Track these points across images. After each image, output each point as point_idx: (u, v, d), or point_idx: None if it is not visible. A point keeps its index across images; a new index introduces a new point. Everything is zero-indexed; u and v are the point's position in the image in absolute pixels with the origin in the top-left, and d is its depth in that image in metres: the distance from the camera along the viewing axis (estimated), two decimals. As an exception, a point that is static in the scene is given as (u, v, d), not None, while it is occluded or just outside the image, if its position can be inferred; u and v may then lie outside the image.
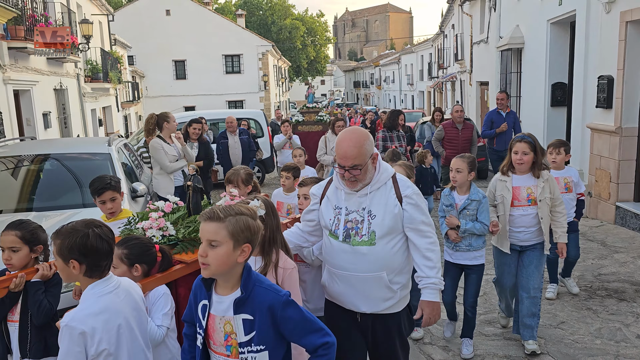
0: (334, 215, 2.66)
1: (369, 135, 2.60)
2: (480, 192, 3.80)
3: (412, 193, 2.59)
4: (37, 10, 10.43)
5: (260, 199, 2.54)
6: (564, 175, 4.63)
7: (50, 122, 11.88)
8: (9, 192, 5.44)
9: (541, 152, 3.70)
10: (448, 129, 8.19)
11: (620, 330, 4.11)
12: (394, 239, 2.58)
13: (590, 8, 7.98)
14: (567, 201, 4.52)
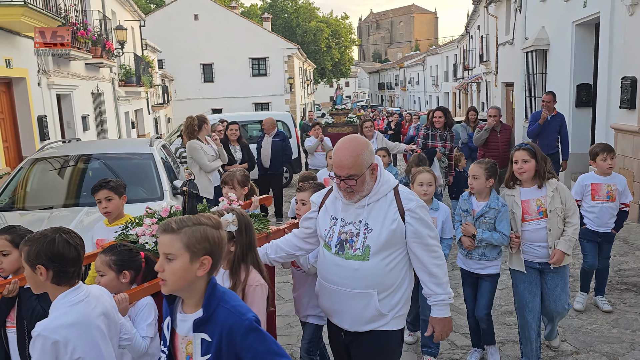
0: (330, 226, 2.55)
1: (368, 145, 2.48)
2: (501, 201, 3.62)
3: (415, 207, 2.44)
4: (78, 18, 10.99)
5: (236, 213, 2.41)
6: (608, 182, 4.37)
7: (88, 124, 12.45)
8: (60, 189, 5.89)
9: (543, 160, 3.45)
10: None
11: (637, 321, 4.30)
12: (389, 256, 2.44)
13: (614, 10, 8.09)
14: (606, 210, 4.37)
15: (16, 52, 8.38)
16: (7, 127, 8.33)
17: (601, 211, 4.40)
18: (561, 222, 3.45)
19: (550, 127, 7.62)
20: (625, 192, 4.41)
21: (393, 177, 2.56)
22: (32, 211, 5.32)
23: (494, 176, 3.68)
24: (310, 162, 9.08)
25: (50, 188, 5.90)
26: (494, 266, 3.66)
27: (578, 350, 3.90)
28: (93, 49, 11.84)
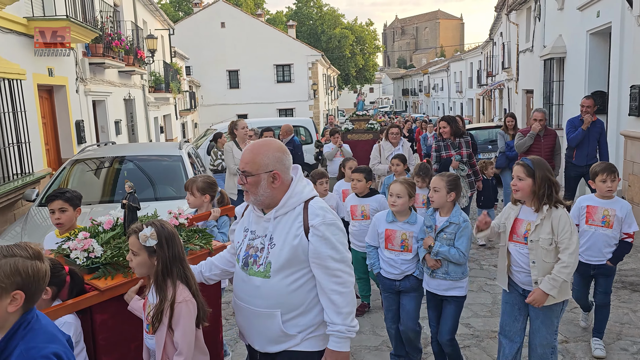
0: (242, 239, 2.43)
1: (277, 151, 2.32)
2: (463, 216, 3.48)
3: (320, 223, 2.23)
4: (112, 29, 11.68)
5: (155, 226, 2.33)
6: (605, 206, 3.90)
7: (120, 129, 13.13)
8: (97, 187, 6.45)
9: (544, 181, 3.09)
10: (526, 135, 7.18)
11: (627, 315, 4.60)
12: (293, 274, 2.26)
13: (624, 20, 8.33)
14: (599, 237, 3.88)
15: (58, 62, 9.05)
16: (48, 130, 8.98)
17: (593, 238, 3.92)
18: (551, 256, 3.09)
19: (590, 135, 7.00)
20: (629, 220, 3.85)
21: (309, 190, 2.36)
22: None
23: (456, 190, 3.53)
24: (329, 169, 9.06)
25: (88, 186, 6.46)
26: (459, 287, 3.49)
27: (568, 340, 4.23)
28: (126, 58, 12.51)
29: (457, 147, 6.36)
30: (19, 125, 6.92)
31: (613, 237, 3.89)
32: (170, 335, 2.30)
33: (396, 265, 3.67)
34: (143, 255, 2.35)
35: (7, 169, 6.62)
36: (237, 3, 47.65)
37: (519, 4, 17.51)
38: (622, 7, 8.18)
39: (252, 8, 49.98)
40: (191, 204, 3.94)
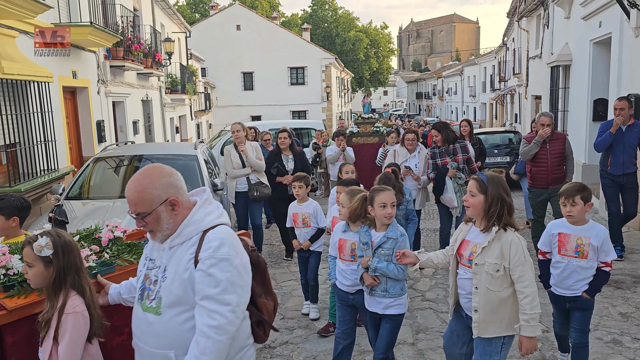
0: (142, 267, 2.23)
1: (164, 175, 2.09)
2: (400, 230, 3.38)
3: (208, 256, 1.97)
4: (132, 33, 12.21)
5: (50, 236, 2.23)
6: (579, 233, 3.51)
7: (138, 128, 13.65)
8: (117, 183, 6.92)
9: (495, 199, 2.85)
10: None
11: (607, 309, 4.92)
12: (187, 312, 2.03)
13: (623, 31, 8.61)
14: (573, 269, 3.53)
15: (81, 65, 9.57)
16: (71, 130, 9.51)
17: (567, 270, 3.56)
18: (497, 284, 2.84)
19: (626, 140, 6.27)
20: (606, 248, 3.49)
21: (212, 218, 2.11)
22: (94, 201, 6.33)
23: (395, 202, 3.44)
24: (332, 173, 8.84)
25: (109, 182, 6.94)
26: (397, 305, 3.37)
27: (548, 329, 4.56)
28: (144, 60, 13.02)
29: (452, 154, 6.22)
30: (46, 125, 7.42)
31: (589, 267, 3.51)
32: (56, 347, 2.15)
33: (347, 275, 3.64)
34: (39, 266, 2.26)
35: (35, 165, 7.11)
36: (253, 5, 48.30)
37: (529, 12, 17.78)
38: (621, 18, 8.46)
39: (268, 11, 50.59)
40: None
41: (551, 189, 6.34)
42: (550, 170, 6.34)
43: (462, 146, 6.34)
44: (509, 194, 2.92)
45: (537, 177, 6.46)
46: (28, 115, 7.10)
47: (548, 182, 6.38)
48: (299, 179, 5.06)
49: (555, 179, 6.38)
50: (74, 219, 5.72)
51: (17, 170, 6.78)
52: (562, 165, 6.45)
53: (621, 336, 4.44)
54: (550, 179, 6.39)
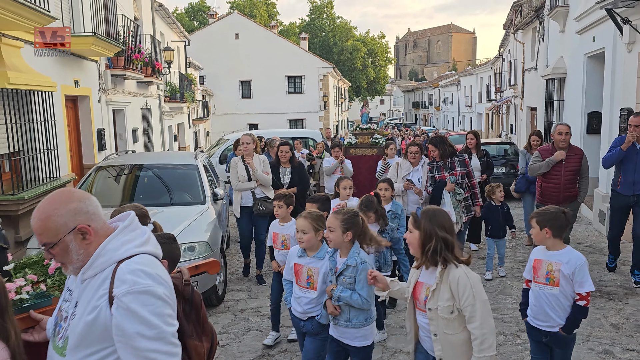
0: (62, 299, 1.99)
1: (73, 200, 1.85)
2: (360, 256, 3.15)
3: (125, 292, 1.73)
4: (133, 42, 12.34)
5: None
6: (550, 259, 3.28)
7: (137, 137, 13.76)
8: (119, 192, 7.01)
9: (429, 235, 2.63)
10: (546, 155, 6.08)
11: (599, 320, 5.04)
12: (94, 354, 1.78)
13: (616, 47, 8.80)
14: (544, 298, 3.27)
15: (83, 74, 9.69)
16: (72, 138, 9.60)
17: (539, 299, 3.32)
18: (454, 326, 2.62)
19: (639, 159, 5.73)
20: (580, 278, 3.18)
21: (130, 247, 1.86)
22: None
23: (353, 228, 3.18)
24: (327, 186, 8.31)
25: (110, 191, 7.03)
26: (362, 337, 3.18)
27: None
28: (144, 69, 13.15)
29: (450, 168, 6.00)
30: (49, 133, 7.52)
31: (563, 297, 3.22)
32: None
33: (301, 303, 3.51)
34: None
35: (37, 174, 7.21)
36: (251, 14, 48.64)
37: (525, 24, 18.04)
38: (614, 33, 8.65)
39: (266, 19, 50.94)
40: None
41: (564, 207, 6.02)
42: (562, 188, 5.92)
43: (461, 160, 6.09)
44: (444, 227, 2.66)
45: (547, 193, 6.04)
46: (31, 124, 7.20)
47: (559, 200, 5.86)
48: (278, 198, 4.82)
49: (567, 197, 5.95)
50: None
51: (21, 178, 6.87)
52: (576, 183, 6.03)
53: (612, 347, 4.56)
54: (562, 197, 5.92)
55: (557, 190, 5.96)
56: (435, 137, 6.36)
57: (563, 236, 3.35)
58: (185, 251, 5.34)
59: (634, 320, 5.07)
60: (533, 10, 16.60)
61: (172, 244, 2.59)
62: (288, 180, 6.93)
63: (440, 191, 5.91)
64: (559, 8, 12.38)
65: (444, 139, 6.18)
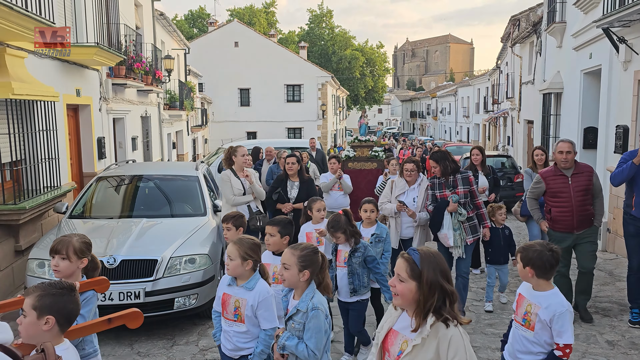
0: None
1: None
2: (314, 301, 2.77)
3: None
4: (134, 51, 12.42)
5: None
6: (531, 299, 3.03)
7: (137, 145, 13.80)
8: (119, 203, 7.05)
9: (433, 287, 2.16)
10: (550, 178, 5.39)
11: (594, 336, 5.10)
12: None
13: (612, 64, 8.93)
14: (519, 339, 3.04)
15: (84, 83, 9.75)
16: (72, 146, 9.64)
17: (514, 337, 3.11)
18: None
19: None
20: (558, 326, 2.88)
21: None
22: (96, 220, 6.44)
23: (311, 266, 2.84)
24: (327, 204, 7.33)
25: (110, 202, 7.07)
26: None
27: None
28: (145, 78, 13.22)
29: (452, 186, 5.49)
30: (50, 142, 7.56)
31: (536, 342, 2.95)
32: None
33: (229, 338, 3.18)
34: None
35: (39, 183, 7.25)
36: (251, 22, 48.89)
37: (523, 38, 18.22)
38: (610, 51, 8.78)
39: (266, 28, 51.19)
40: (62, 271, 3.00)
41: (577, 233, 5.32)
42: (575, 211, 5.20)
43: (464, 178, 5.52)
44: (448, 277, 2.23)
45: (559, 219, 5.33)
46: (33, 133, 7.25)
47: (573, 225, 5.28)
48: (227, 220, 4.27)
49: (583, 220, 5.27)
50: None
51: (22, 188, 6.90)
52: (590, 204, 5.33)
53: (607, 364, 4.61)
54: (576, 222, 5.25)
55: (569, 214, 5.22)
56: (437, 151, 5.80)
57: (550, 276, 3.03)
58: (186, 263, 5.39)
59: (629, 338, 5.13)
60: (531, 25, 16.78)
61: (68, 295, 2.22)
62: (295, 194, 6.63)
63: (441, 212, 5.43)
64: (556, 24, 12.53)
65: (445, 154, 5.61)
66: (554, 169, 5.40)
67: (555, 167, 5.38)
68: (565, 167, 5.27)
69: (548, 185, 5.37)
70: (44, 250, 5.48)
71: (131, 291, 5.10)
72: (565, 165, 5.26)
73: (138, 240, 5.59)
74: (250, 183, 6.36)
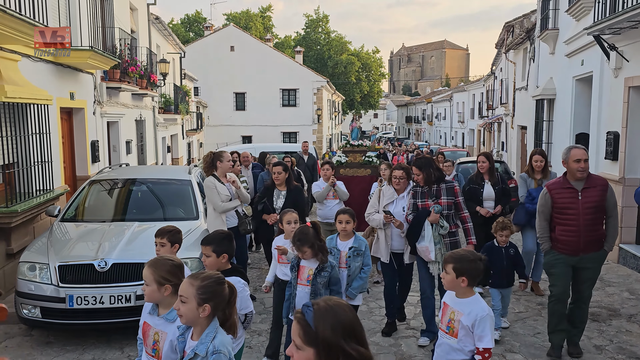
0: None
1: None
2: (215, 343, 2.42)
3: None
4: (129, 55, 12.44)
5: None
6: (455, 306, 3.07)
7: (131, 148, 13.79)
8: (112, 206, 7.05)
9: (332, 351, 1.69)
10: (556, 191, 4.63)
11: (583, 341, 5.13)
12: None
13: (603, 71, 9.02)
14: (445, 347, 3.05)
15: (78, 86, 9.76)
16: (66, 150, 9.64)
17: (440, 346, 3.13)
18: None
19: None
20: (479, 331, 2.91)
21: None
22: (88, 223, 6.45)
23: (212, 300, 2.46)
24: (320, 213, 7.15)
25: (103, 205, 7.07)
26: None
27: (527, 357, 4.77)
28: (139, 81, 13.23)
29: (435, 196, 5.07)
30: (43, 146, 7.56)
31: (459, 351, 2.97)
32: None
33: None
34: None
35: (31, 186, 7.24)
36: (247, 27, 48.97)
37: (516, 45, 18.35)
38: (601, 58, 8.87)
39: (262, 32, 51.28)
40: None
41: (582, 256, 4.57)
42: (582, 231, 4.46)
43: (449, 188, 5.11)
44: (356, 335, 1.73)
45: (563, 239, 4.57)
46: (26, 136, 7.25)
47: (578, 248, 4.54)
48: (161, 234, 3.77)
49: (590, 242, 4.51)
50: (68, 241, 5.87)
51: (14, 191, 6.90)
52: (601, 224, 4.58)
53: (595, 368, 4.65)
54: (583, 243, 4.50)
55: (576, 234, 4.49)
56: (421, 158, 5.39)
57: (476, 284, 3.10)
58: (177, 267, 5.38)
59: (616, 342, 5.18)
60: (524, 32, 16.91)
61: None
62: (281, 204, 6.15)
63: (420, 222, 5.00)
64: (549, 31, 12.64)
65: (430, 161, 5.25)
66: (562, 180, 4.62)
67: (564, 179, 4.60)
68: (581, 178, 4.49)
69: (554, 199, 4.60)
70: (36, 254, 5.50)
71: (122, 294, 5.11)
72: (582, 176, 4.47)
73: (130, 243, 5.60)
74: (237, 188, 6.11)
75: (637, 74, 7.67)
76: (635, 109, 7.84)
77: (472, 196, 6.65)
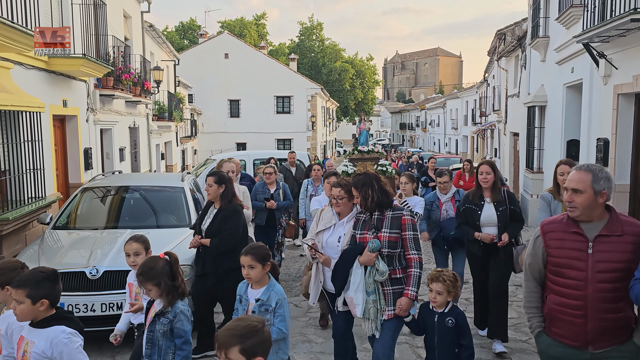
0: None
1: None
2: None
3: None
4: (123, 62, 12.46)
5: None
6: None
7: (124, 155, 13.78)
8: (104, 214, 7.05)
9: None
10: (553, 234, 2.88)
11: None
12: None
13: (592, 79, 9.12)
14: None
15: (71, 94, 9.77)
16: (59, 157, 9.64)
17: None
18: None
19: None
20: None
21: None
22: (80, 231, 6.44)
23: None
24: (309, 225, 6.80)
25: (96, 213, 7.06)
26: None
27: (517, 366, 4.80)
28: (133, 89, 13.25)
29: (375, 227, 3.75)
30: (36, 153, 7.56)
31: None
32: None
33: None
34: None
35: (23, 194, 7.23)
36: (241, 34, 49.11)
37: (508, 52, 18.51)
38: (591, 66, 8.97)
39: (256, 39, 51.43)
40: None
41: (593, 352, 2.74)
42: (591, 309, 2.69)
43: (396, 217, 3.74)
44: None
45: (559, 321, 2.83)
46: (18, 144, 7.25)
47: (585, 337, 2.73)
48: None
49: (607, 329, 2.70)
50: (60, 249, 5.86)
51: (6, 198, 6.89)
52: (623, 298, 2.69)
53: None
54: (592, 330, 2.71)
55: (580, 313, 2.72)
56: (360, 174, 3.91)
57: None
58: (169, 274, 5.37)
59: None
60: (516, 39, 17.06)
61: None
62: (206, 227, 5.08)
63: (347, 263, 3.72)
64: (540, 39, 12.76)
65: (372, 179, 3.80)
66: (566, 219, 2.86)
67: (568, 220, 2.84)
68: (578, 217, 2.78)
69: (548, 250, 2.86)
70: (27, 261, 5.46)
71: (114, 302, 5.11)
72: (573, 214, 2.79)
73: (122, 251, 5.56)
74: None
75: (625, 81, 7.76)
76: (624, 116, 7.92)
77: (467, 219, 5.11)
